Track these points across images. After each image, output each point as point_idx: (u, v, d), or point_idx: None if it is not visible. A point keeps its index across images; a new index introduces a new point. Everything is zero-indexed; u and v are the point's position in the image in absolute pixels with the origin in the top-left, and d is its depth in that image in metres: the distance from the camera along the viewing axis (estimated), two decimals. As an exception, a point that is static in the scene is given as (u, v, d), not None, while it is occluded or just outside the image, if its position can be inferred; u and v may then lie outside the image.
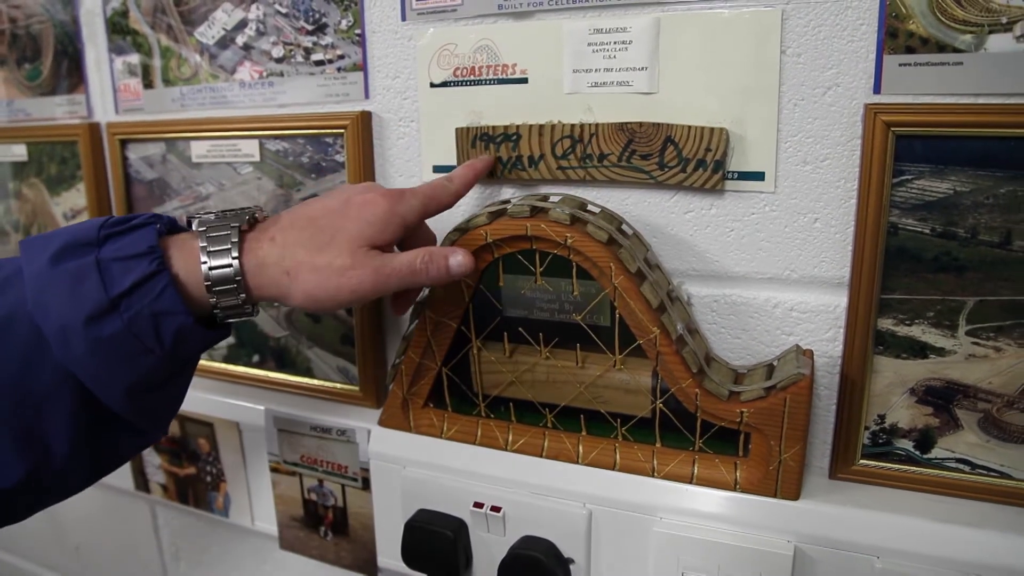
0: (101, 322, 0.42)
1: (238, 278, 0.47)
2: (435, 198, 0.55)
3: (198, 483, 0.86)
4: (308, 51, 0.69)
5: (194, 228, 0.48)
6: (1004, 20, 0.46)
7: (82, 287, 0.42)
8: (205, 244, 0.47)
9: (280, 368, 0.79)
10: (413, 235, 0.56)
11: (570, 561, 0.61)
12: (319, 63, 0.69)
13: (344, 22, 0.67)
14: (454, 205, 0.58)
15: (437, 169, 0.66)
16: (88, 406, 0.45)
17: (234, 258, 0.47)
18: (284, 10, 0.69)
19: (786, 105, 0.53)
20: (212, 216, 0.48)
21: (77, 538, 1.05)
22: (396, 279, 0.50)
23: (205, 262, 0.46)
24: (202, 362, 0.83)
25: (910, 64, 0.49)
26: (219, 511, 0.86)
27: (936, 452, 0.54)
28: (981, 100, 0.48)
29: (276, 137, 0.73)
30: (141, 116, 0.82)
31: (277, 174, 0.74)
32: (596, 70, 0.58)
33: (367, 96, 0.68)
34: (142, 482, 0.91)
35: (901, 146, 0.50)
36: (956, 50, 0.48)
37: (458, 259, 0.53)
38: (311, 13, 0.68)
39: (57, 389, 0.43)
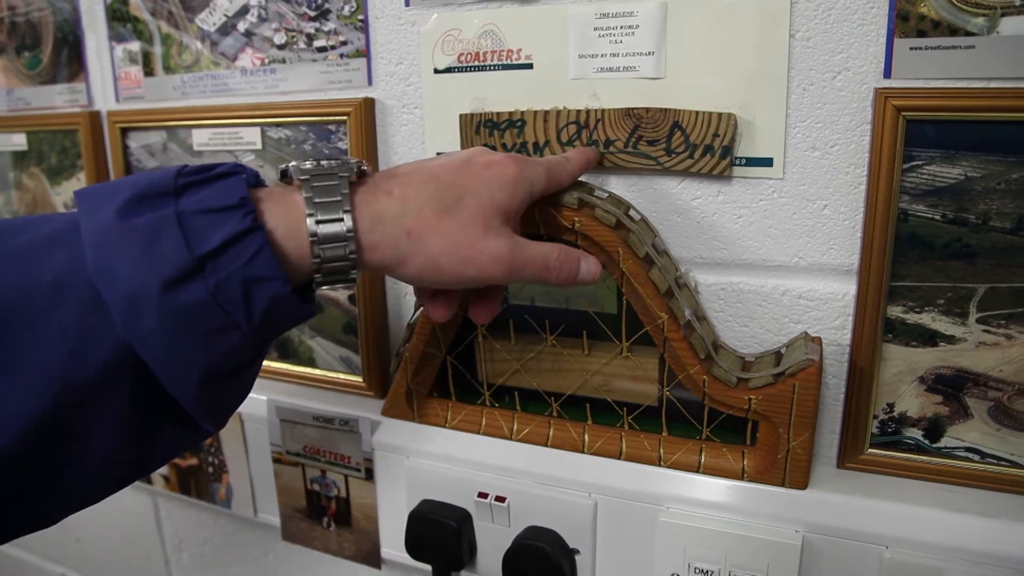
0: (181, 288, 0.34)
1: (350, 234, 0.39)
2: (556, 171, 0.50)
3: (200, 474, 0.86)
4: (310, 37, 0.69)
5: (294, 179, 0.40)
6: (1018, 2, 0.46)
7: (159, 245, 0.34)
8: (310, 195, 0.39)
9: (282, 358, 0.79)
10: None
11: (575, 551, 0.61)
12: (321, 49, 0.69)
13: (347, 8, 0.66)
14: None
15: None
16: (142, 395, 0.37)
17: (345, 211, 0.39)
18: (286, -4, 0.69)
19: (795, 90, 0.53)
20: (309, 165, 0.41)
21: (78, 530, 1.04)
22: (529, 270, 0.44)
23: (312, 214, 0.39)
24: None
25: (921, 48, 0.48)
26: (221, 502, 0.85)
27: (945, 441, 0.54)
28: (994, 84, 0.47)
29: (278, 125, 0.72)
30: (142, 104, 0.81)
31: (279, 162, 0.73)
32: (602, 55, 0.57)
33: (370, 83, 0.67)
34: (144, 473, 0.91)
35: (912, 131, 0.49)
36: (968, 33, 0.47)
37: (590, 266, 0.47)
38: (313, -1, 0.67)
39: (111, 374, 0.35)
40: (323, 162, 0.41)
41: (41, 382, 0.34)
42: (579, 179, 0.58)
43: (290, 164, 0.41)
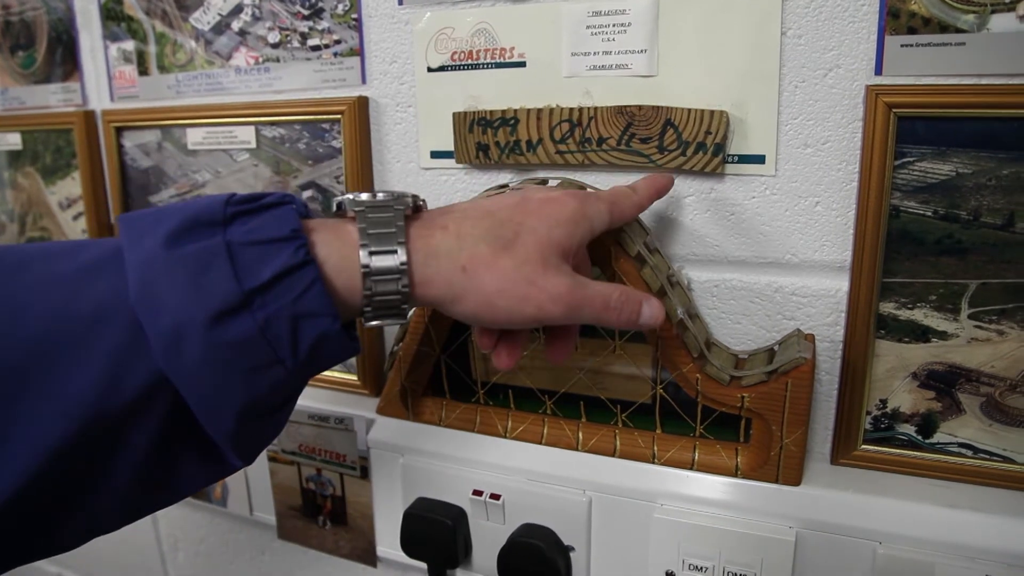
0: (229, 322, 0.33)
1: (403, 266, 0.38)
2: (619, 204, 0.47)
3: (196, 473, 0.86)
4: (304, 36, 0.69)
5: (348, 211, 0.40)
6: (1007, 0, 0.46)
7: (207, 277, 0.34)
8: (364, 226, 0.38)
9: (278, 357, 0.79)
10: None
11: (570, 548, 0.61)
12: (315, 48, 0.69)
13: (340, 7, 0.66)
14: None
15: (435, 154, 0.65)
16: (170, 428, 0.36)
17: (400, 243, 0.38)
18: (280, -5, 0.69)
19: (787, 87, 0.53)
20: (365, 197, 0.40)
21: (75, 530, 1.04)
22: (588, 310, 0.42)
23: (365, 245, 0.37)
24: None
25: (912, 45, 0.49)
26: (217, 501, 0.85)
27: (938, 437, 0.54)
28: (984, 81, 0.47)
29: (272, 123, 0.72)
30: (136, 103, 0.81)
31: (273, 161, 0.73)
32: (595, 53, 0.57)
33: (364, 81, 0.67)
34: (140, 473, 0.90)
35: (903, 128, 0.49)
36: (959, 30, 0.47)
37: (652, 309, 0.45)
38: (307, -2, 0.68)
39: (141, 405, 0.34)
40: (379, 195, 0.40)
41: (73, 410, 0.33)
42: (569, 178, 0.58)
43: (345, 196, 0.40)
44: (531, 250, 0.40)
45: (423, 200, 0.41)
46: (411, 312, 0.62)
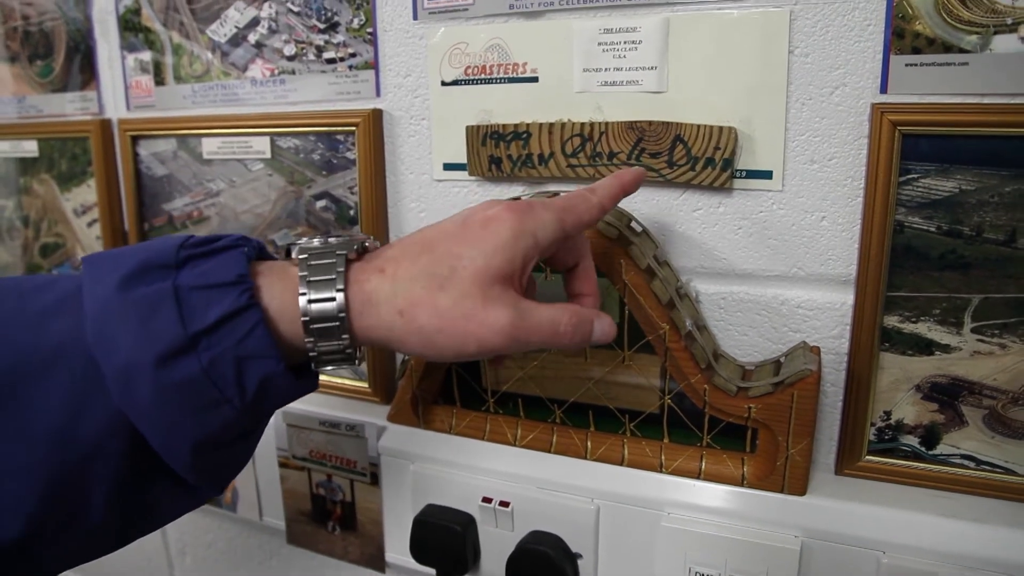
0: (175, 364, 0.35)
1: (341, 314, 0.38)
2: (572, 210, 0.44)
3: (206, 478, 0.87)
4: (320, 49, 0.70)
5: (294, 255, 0.40)
6: (1009, 21, 0.47)
7: (155, 320, 0.35)
8: (306, 273, 0.39)
9: (289, 364, 0.80)
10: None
11: (578, 556, 0.62)
12: (331, 61, 0.70)
13: (356, 20, 0.68)
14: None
15: (447, 167, 0.66)
16: (138, 459, 0.37)
17: (339, 290, 0.38)
18: (296, 8, 0.70)
19: (794, 104, 0.54)
20: (316, 243, 0.41)
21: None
22: (536, 337, 0.41)
23: (304, 293, 0.38)
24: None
25: (916, 64, 0.50)
26: (227, 506, 0.86)
27: (941, 448, 0.55)
28: (987, 100, 0.49)
29: (287, 134, 0.73)
30: (152, 113, 0.83)
31: (288, 171, 0.74)
32: (606, 69, 0.58)
33: (378, 94, 0.69)
34: (150, 477, 0.91)
35: (907, 145, 0.50)
36: (962, 50, 0.48)
37: (604, 327, 0.44)
38: (323, 11, 0.69)
39: (108, 439, 0.36)
40: (331, 239, 0.41)
41: (42, 446, 0.35)
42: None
43: (299, 242, 0.41)
44: (468, 285, 0.39)
45: (371, 241, 0.42)
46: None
